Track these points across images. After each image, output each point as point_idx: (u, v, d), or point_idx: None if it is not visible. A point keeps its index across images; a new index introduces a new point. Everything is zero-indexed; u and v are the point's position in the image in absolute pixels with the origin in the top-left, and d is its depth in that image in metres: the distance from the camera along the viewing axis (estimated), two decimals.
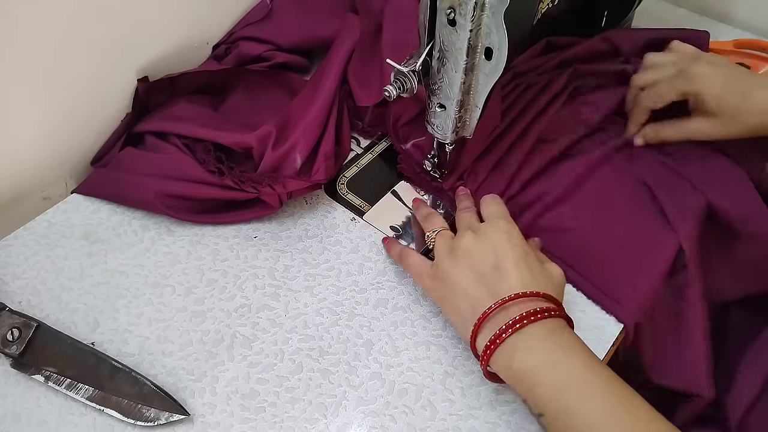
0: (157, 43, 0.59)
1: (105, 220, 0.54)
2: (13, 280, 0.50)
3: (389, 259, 0.52)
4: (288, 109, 0.57)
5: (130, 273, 0.51)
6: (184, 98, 0.60)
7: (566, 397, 0.37)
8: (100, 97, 0.56)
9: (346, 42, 0.59)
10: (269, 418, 0.43)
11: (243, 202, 0.53)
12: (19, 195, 0.54)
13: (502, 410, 0.44)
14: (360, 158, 0.60)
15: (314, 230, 0.54)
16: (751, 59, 0.68)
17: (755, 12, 0.75)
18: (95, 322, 0.48)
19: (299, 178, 0.53)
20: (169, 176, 0.53)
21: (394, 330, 0.48)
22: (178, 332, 0.47)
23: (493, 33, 0.41)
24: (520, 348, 0.39)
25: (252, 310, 0.49)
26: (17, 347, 0.44)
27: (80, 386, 0.43)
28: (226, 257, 0.52)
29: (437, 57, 0.46)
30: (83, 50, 0.53)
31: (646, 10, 0.71)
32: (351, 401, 0.44)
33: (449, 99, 0.47)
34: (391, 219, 0.55)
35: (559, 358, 0.38)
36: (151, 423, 0.42)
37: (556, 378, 0.38)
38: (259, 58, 0.64)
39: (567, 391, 0.37)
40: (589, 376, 0.38)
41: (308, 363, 0.46)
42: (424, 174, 0.57)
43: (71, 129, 0.55)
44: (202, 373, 0.45)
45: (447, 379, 0.45)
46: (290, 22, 0.66)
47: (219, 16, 0.65)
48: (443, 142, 0.52)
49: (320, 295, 0.50)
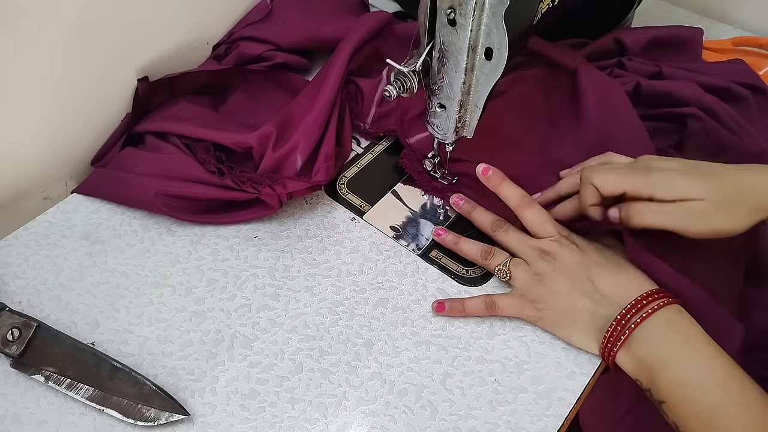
0: (157, 43, 0.59)
1: (105, 220, 0.54)
2: (13, 280, 0.50)
3: (389, 259, 0.52)
4: (289, 110, 0.57)
5: (130, 273, 0.51)
6: (184, 98, 0.60)
7: (686, 389, 0.40)
8: (100, 97, 0.56)
9: (350, 43, 0.59)
10: (269, 418, 0.43)
11: (243, 203, 0.53)
12: (19, 195, 0.54)
13: (502, 410, 0.44)
14: (360, 158, 0.60)
15: (314, 230, 0.54)
16: (750, 57, 0.68)
17: (755, 12, 0.75)
18: (95, 322, 0.48)
19: (299, 178, 0.53)
20: (169, 176, 0.53)
21: (394, 330, 0.48)
22: (178, 332, 0.47)
23: (493, 33, 0.41)
24: (643, 338, 0.42)
25: (252, 310, 0.49)
26: (17, 347, 0.44)
27: (80, 386, 0.43)
28: (226, 257, 0.52)
29: (437, 57, 0.46)
30: (83, 50, 0.53)
31: (646, 10, 0.72)
32: (351, 401, 0.44)
33: (449, 99, 0.47)
34: (391, 219, 0.55)
35: (680, 349, 0.41)
36: (151, 423, 0.42)
37: (677, 370, 0.41)
38: (259, 58, 0.64)
39: (687, 383, 0.40)
40: (708, 366, 0.41)
41: (308, 363, 0.46)
42: (425, 172, 0.57)
43: (71, 129, 0.55)
44: (202, 373, 0.45)
45: (447, 379, 0.45)
46: (290, 22, 0.65)
47: (219, 16, 0.65)
48: (443, 142, 0.52)
49: (320, 295, 0.50)
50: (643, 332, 0.43)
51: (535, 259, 0.48)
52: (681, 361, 0.41)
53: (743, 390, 0.40)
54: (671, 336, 0.42)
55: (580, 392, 0.45)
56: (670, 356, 0.41)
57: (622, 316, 0.43)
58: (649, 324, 0.43)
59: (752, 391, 0.39)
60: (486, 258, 0.50)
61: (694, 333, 0.42)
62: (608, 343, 0.44)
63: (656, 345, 0.42)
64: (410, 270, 0.52)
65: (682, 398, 0.40)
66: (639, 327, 0.43)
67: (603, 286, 0.46)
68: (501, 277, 0.49)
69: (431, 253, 0.53)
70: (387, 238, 0.54)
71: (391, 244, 0.53)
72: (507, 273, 0.49)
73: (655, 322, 0.43)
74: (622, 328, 0.43)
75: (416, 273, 0.51)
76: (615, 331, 0.44)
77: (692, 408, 0.40)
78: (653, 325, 0.43)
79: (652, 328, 0.43)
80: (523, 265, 0.48)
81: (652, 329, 0.43)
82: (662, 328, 0.42)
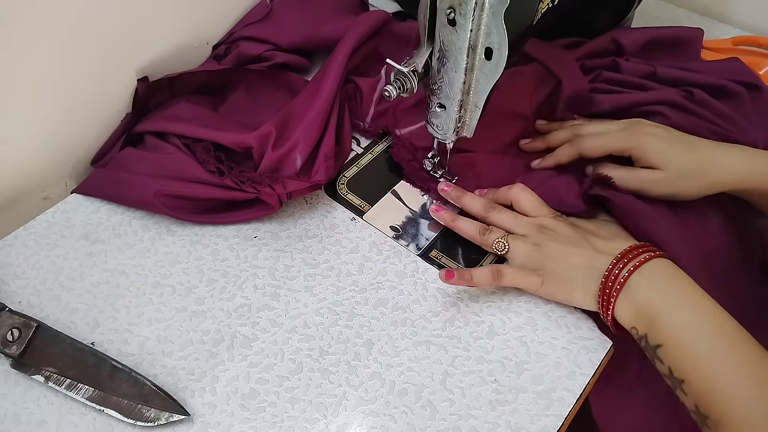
0: (157, 43, 0.59)
1: (105, 220, 0.54)
2: (13, 280, 0.50)
3: (389, 259, 0.52)
4: (288, 109, 0.57)
5: (130, 273, 0.51)
6: (183, 98, 0.60)
7: (685, 332, 0.42)
8: (100, 97, 0.56)
9: (348, 42, 0.59)
10: (269, 418, 0.43)
11: (243, 202, 0.53)
12: (19, 195, 0.54)
13: (502, 410, 0.44)
14: (360, 158, 0.60)
15: (314, 230, 0.54)
16: (750, 56, 0.68)
17: (755, 12, 0.75)
18: (95, 322, 0.48)
19: (299, 178, 0.53)
20: (169, 176, 0.53)
21: (394, 330, 0.48)
22: (178, 332, 0.47)
23: (493, 33, 0.41)
24: (642, 285, 0.44)
25: (252, 310, 0.49)
26: (17, 347, 0.44)
27: (80, 386, 0.43)
28: (226, 257, 0.52)
29: (437, 57, 0.46)
30: (83, 50, 0.53)
31: (646, 10, 0.72)
32: (351, 401, 0.44)
33: (449, 99, 0.47)
34: (391, 219, 0.55)
35: (677, 295, 0.43)
36: (151, 423, 0.42)
37: (676, 313, 0.42)
38: (259, 58, 0.64)
39: (685, 326, 0.42)
40: (704, 312, 0.42)
41: (308, 363, 0.46)
42: (415, 162, 0.57)
43: (71, 129, 0.55)
44: (202, 373, 0.45)
45: (447, 379, 0.45)
46: (290, 22, 0.65)
47: (219, 16, 0.65)
48: (443, 142, 0.52)
49: (320, 295, 0.50)
50: (640, 279, 0.44)
51: (534, 232, 0.49)
52: (679, 306, 0.43)
53: (738, 335, 0.41)
54: (668, 282, 0.44)
55: (580, 392, 0.45)
56: (669, 301, 0.43)
57: (614, 265, 0.45)
58: (644, 271, 0.44)
59: (746, 338, 0.41)
60: (483, 234, 0.51)
61: (687, 282, 0.44)
62: (605, 295, 0.45)
63: (655, 290, 0.43)
64: (410, 270, 0.52)
65: (680, 341, 0.41)
66: (634, 274, 0.44)
67: (599, 245, 0.47)
68: (498, 250, 0.49)
69: (431, 253, 0.53)
70: (387, 238, 0.54)
71: (391, 244, 0.53)
72: (505, 245, 0.49)
73: (649, 269, 0.44)
74: (616, 277, 0.44)
75: (416, 273, 0.51)
76: (609, 281, 0.45)
77: (689, 350, 0.41)
78: (648, 273, 0.44)
79: (648, 275, 0.44)
80: (521, 238, 0.49)
81: (647, 276, 0.44)
82: (658, 276, 0.44)
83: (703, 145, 0.50)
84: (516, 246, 0.49)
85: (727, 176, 0.49)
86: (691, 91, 0.58)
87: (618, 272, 0.45)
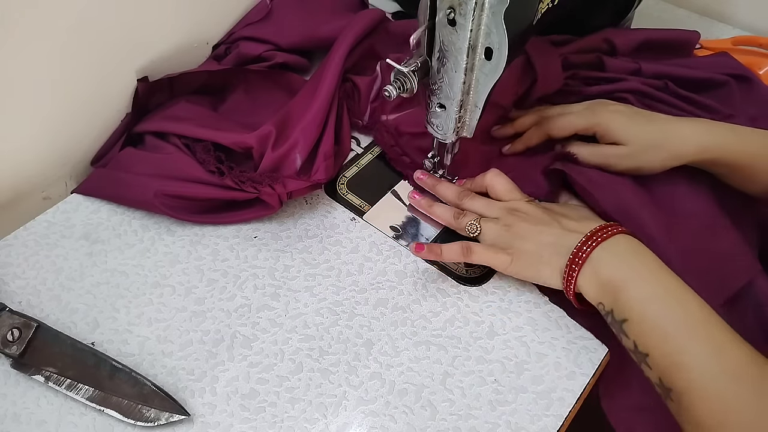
0: (157, 43, 0.59)
1: (105, 220, 0.54)
2: (13, 280, 0.50)
3: (389, 259, 0.52)
4: (287, 109, 0.57)
5: (130, 273, 0.51)
6: (183, 98, 0.60)
7: (649, 305, 0.42)
8: (100, 97, 0.56)
9: (346, 41, 0.59)
10: (269, 418, 0.43)
11: (243, 202, 0.53)
12: (19, 195, 0.54)
13: (502, 410, 0.44)
14: (360, 158, 0.60)
15: (314, 230, 0.54)
16: (750, 56, 0.68)
17: (755, 12, 0.75)
18: (95, 322, 0.48)
19: (299, 177, 0.53)
20: (169, 176, 0.53)
21: (394, 330, 0.48)
22: (178, 332, 0.47)
23: (493, 33, 0.41)
24: (605, 259, 0.44)
25: (252, 310, 0.49)
26: (17, 347, 0.44)
27: (80, 386, 0.43)
28: (226, 257, 0.52)
29: (437, 57, 0.46)
30: (83, 50, 0.53)
31: (646, 10, 0.72)
32: (351, 401, 0.44)
33: (449, 99, 0.47)
34: (391, 219, 0.55)
35: (641, 268, 0.43)
36: (151, 423, 0.42)
37: (640, 287, 0.43)
38: (258, 58, 0.64)
39: (649, 299, 0.42)
40: (667, 285, 0.43)
41: (308, 363, 0.46)
42: (397, 147, 0.58)
43: (71, 129, 0.55)
44: (202, 373, 0.45)
45: (447, 379, 0.45)
46: (290, 22, 0.65)
47: (219, 16, 0.65)
48: (443, 142, 0.52)
49: (320, 295, 0.50)
50: (603, 253, 0.44)
51: (505, 215, 0.50)
52: (643, 279, 0.43)
53: (701, 308, 0.41)
54: (631, 256, 0.44)
55: (580, 392, 0.45)
56: (633, 275, 0.43)
57: (583, 243, 0.45)
58: (608, 245, 0.45)
59: (708, 311, 0.41)
60: (457, 218, 0.52)
61: (651, 257, 0.44)
62: (570, 270, 0.45)
63: (619, 264, 0.44)
64: (410, 270, 0.52)
65: (643, 314, 0.42)
66: (598, 248, 0.44)
67: (569, 224, 0.48)
68: (471, 232, 0.50)
69: None
70: (387, 238, 0.54)
71: (391, 244, 0.53)
72: (477, 227, 0.50)
73: (613, 244, 0.45)
74: (585, 254, 0.45)
75: (416, 273, 0.51)
76: (576, 257, 0.45)
77: (653, 323, 0.41)
78: (612, 247, 0.45)
79: (611, 250, 0.45)
80: (493, 220, 0.50)
81: (611, 250, 0.44)
82: (621, 250, 0.45)
83: (662, 119, 0.52)
84: (487, 228, 0.50)
85: (687, 148, 0.50)
86: (666, 82, 0.58)
87: (587, 249, 0.45)
